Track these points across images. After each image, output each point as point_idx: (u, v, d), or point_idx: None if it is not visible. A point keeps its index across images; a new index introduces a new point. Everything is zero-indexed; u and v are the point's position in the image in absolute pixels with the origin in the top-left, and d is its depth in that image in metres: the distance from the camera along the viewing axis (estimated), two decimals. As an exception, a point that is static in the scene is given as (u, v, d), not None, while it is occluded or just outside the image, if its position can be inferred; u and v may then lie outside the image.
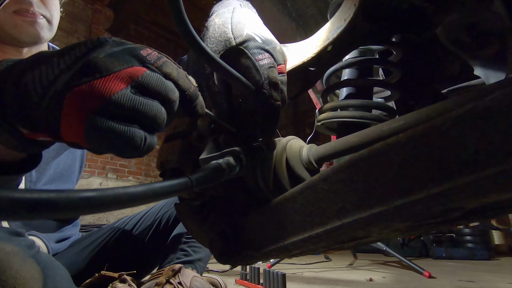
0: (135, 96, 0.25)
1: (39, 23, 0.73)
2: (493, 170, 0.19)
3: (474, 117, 0.21)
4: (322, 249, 0.39)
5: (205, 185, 0.29)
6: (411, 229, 0.33)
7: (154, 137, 0.28)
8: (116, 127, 0.24)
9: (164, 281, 0.71)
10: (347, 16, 0.38)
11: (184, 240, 0.95)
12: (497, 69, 0.40)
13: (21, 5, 0.70)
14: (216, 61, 0.34)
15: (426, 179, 0.23)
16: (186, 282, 0.72)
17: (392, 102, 0.56)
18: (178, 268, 0.74)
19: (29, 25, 0.71)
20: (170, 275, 0.72)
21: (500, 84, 0.26)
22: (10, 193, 0.16)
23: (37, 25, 0.73)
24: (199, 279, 0.76)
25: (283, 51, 0.40)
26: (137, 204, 0.23)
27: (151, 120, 0.26)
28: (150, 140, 0.27)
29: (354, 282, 1.62)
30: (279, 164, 0.41)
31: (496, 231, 3.36)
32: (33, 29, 0.72)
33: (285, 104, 0.38)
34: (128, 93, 0.25)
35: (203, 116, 0.33)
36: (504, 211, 0.35)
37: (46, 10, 0.74)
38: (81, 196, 0.19)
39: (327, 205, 0.31)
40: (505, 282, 1.58)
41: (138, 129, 0.25)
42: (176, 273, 0.73)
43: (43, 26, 0.74)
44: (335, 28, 0.39)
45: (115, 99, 0.24)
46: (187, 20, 0.30)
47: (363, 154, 0.28)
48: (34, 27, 0.72)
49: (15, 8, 0.69)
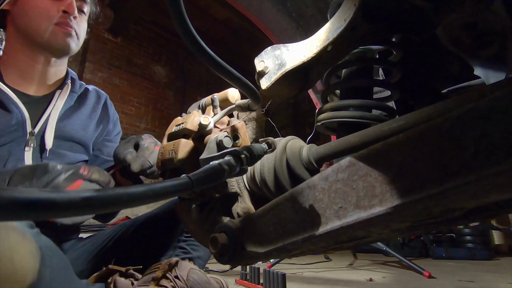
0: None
1: (72, 36, 0.88)
2: (493, 170, 0.19)
3: (474, 117, 0.21)
4: (322, 249, 0.39)
5: (205, 185, 0.29)
6: (411, 229, 0.33)
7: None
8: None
9: (161, 275, 0.70)
10: (347, 16, 0.38)
11: (183, 239, 0.95)
12: (497, 69, 0.40)
13: (64, 19, 0.85)
14: (216, 61, 0.34)
15: (426, 179, 0.23)
16: (183, 275, 0.70)
17: (392, 102, 0.56)
18: (174, 262, 0.73)
19: (64, 36, 0.86)
20: (166, 269, 0.71)
21: (500, 84, 0.26)
22: (10, 193, 0.16)
23: (71, 37, 0.87)
24: (196, 271, 0.74)
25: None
26: (137, 204, 0.23)
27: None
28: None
29: (354, 282, 1.62)
30: (279, 164, 0.41)
31: (496, 231, 3.36)
32: (66, 40, 0.87)
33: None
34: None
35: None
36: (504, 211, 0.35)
37: (78, 28, 0.89)
38: (81, 196, 0.19)
39: (327, 205, 0.31)
40: (505, 282, 1.58)
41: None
42: (173, 267, 0.72)
43: (74, 40, 0.89)
44: (335, 28, 0.39)
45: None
46: (187, 20, 0.30)
47: (363, 154, 0.28)
48: (68, 39, 0.87)
49: (58, 20, 0.84)
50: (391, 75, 0.52)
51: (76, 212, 0.19)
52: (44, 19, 0.82)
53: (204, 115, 0.47)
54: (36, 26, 0.82)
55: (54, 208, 0.17)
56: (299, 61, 0.41)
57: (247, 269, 1.47)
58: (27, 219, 0.18)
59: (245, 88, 0.41)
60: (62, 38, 0.85)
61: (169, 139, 0.51)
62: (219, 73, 0.36)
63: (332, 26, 0.40)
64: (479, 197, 0.22)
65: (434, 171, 0.22)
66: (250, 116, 0.53)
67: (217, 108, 0.53)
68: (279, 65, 0.42)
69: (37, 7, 0.81)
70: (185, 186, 0.27)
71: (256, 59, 0.44)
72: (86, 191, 0.19)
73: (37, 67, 0.87)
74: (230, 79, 0.37)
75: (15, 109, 0.81)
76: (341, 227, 0.29)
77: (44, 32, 0.83)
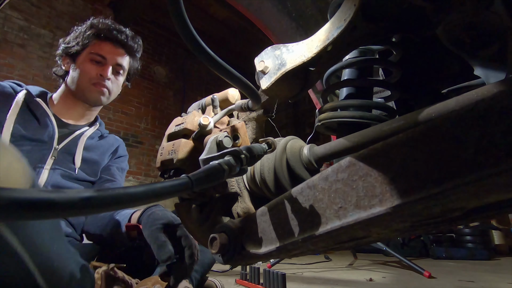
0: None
1: (104, 94, 1.12)
2: (493, 170, 0.19)
3: (474, 117, 0.21)
4: (322, 249, 0.39)
5: (205, 185, 0.29)
6: (411, 229, 0.33)
7: None
8: None
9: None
10: (347, 16, 0.38)
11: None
12: (497, 69, 0.40)
13: (99, 81, 1.09)
14: (216, 61, 0.34)
15: (426, 179, 0.23)
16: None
17: (392, 102, 0.56)
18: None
19: (97, 94, 1.11)
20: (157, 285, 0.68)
21: (500, 84, 0.26)
22: (10, 193, 0.16)
23: (103, 94, 1.12)
24: None
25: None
26: (137, 204, 0.23)
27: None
28: None
29: (354, 282, 1.62)
30: (279, 164, 0.41)
31: (496, 231, 3.36)
32: (99, 96, 1.12)
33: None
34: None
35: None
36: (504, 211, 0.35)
37: (111, 86, 1.13)
38: (81, 196, 0.19)
39: (327, 205, 0.31)
40: (505, 282, 1.58)
41: None
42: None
43: (106, 95, 1.13)
44: (335, 28, 0.39)
45: None
46: (187, 20, 0.30)
47: (363, 154, 0.28)
48: (100, 96, 1.12)
49: (95, 81, 1.08)
50: (391, 75, 0.52)
51: (76, 212, 0.19)
52: (86, 80, 1.08)
53: (204, 115, 0.47)
54: (79, 83, 1.09)
55: (54, 208, 0.17)
56: (299, 61, 0.41)
57: (247, 269, 1.47)
58: (27, 219, 0.18)
59: (245, 88, 0.41)
60: (96, 95, 1.11)
61: (169, 139, 0.51)
62: (219, 73, 0.36)
63: (332, 26, 0.40)
64: (479, 197, 0.22)
65: (434, 171, 0.22)
66: (250, 116, 0.53)
67: (217, 108, 0.53)
68: (279, 65, 0.42)
69: (83, 70, 1.08)
70: (185, 186, 0.27)
71: (256, 59, 0.44)
72: (86, 191, 0.19)
73: (76, 109, 1.14)
74: (230, 79, 0.37)
75: (50, 125, 1.03)
76: (341, 227, 0.29)
77: (83, 89, 1.09)
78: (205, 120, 0.45)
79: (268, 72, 0.43)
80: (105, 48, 1.10)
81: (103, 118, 1.53)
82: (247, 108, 0.49)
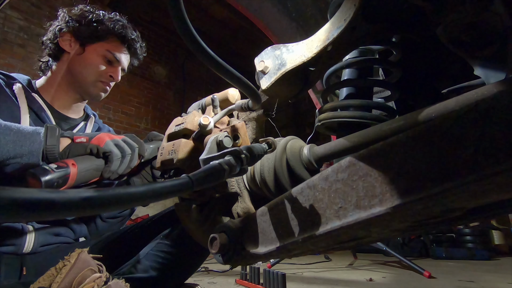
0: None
1: (106, 92, 1.11)
2: (493, 170, 0.19)
3: (474, 117, 0.21)
4: (322, 249, 0.39)
5: (206, 185, 0.29)
6: (411, 229, 0.33)
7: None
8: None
9: None
10: (347, 16, 0.38)
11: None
12: (497, 69, 0.40)
13: (107, 80, 1.07)
14: (216, 61, 0.34)
15: (426, 179, 0.23)
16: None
17: (392, 102, 0.56)
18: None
19: (101, 91, 1.09)
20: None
21: (500, 84, 0.26)
22: (10, 193, 0.16)
23: (105, 93, 1.10)
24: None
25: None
26: (137, 204, 0.23)
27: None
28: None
29: (354, 282, 1.62)
30: (279, 164, 0.41)
31: (496, 231, 3.36)
32: (101, 94, 1.09)
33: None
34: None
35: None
36: (504, 211, 0.35)
37: (113, 84, 1.11)
38: (82, 196, 0.19)
39: (327, 205, 0.31)
40: (505, 282, 1.58)
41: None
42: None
43: (106, 93, 1.11)
44: (335, 28, 0.39)
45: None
46: (187, 20, 0.30)
47: (363, 154, 0.28)
48: (102, 93, 1.10)
49: (105, 79, 1.06)
50: (391, 75, 0.52)
51: (76, 212, 0.19)
52: (94, 75, 1.04)
53: (204, 115, 0.47)
54: (87, 77, 1.04)
55: (54, 208, 0.17)
56: (299, 61, 0.41)
57: (247, 269, 1.47)
58: (27, 219, 0.18)
59: (245, 88, 0.41)
60: (99, 92, 1.08)
61: (169, 139, 0.51)
62: (219, 73, 0.36)
63: (332, 26, 0.40)
64: (479, 197, 0.22)
65: (434, 171, 0.22)
66: (250, 116, 0.53)
67: (217, 108, 0.53)
68: (279, 65, 0.42)
69: (93, 64, 1.03)
70: (185, 186, 0.27)
71: (256, 59, 0.44)
72: (86, 191, 0.19)
73: (67, 100, 1.07)
74: (230, 79, 0.37)
75: (47, 122, 0.98)
76: (341, 227, 0.29)
77: (89, 83, 1.05)
78: (205, 120, 0.45)
79: (268, 72, 0.43)
80: (121, 50, 1.09)
81: (103, 118, 1.53)
82: (247, 108, 0.49)
